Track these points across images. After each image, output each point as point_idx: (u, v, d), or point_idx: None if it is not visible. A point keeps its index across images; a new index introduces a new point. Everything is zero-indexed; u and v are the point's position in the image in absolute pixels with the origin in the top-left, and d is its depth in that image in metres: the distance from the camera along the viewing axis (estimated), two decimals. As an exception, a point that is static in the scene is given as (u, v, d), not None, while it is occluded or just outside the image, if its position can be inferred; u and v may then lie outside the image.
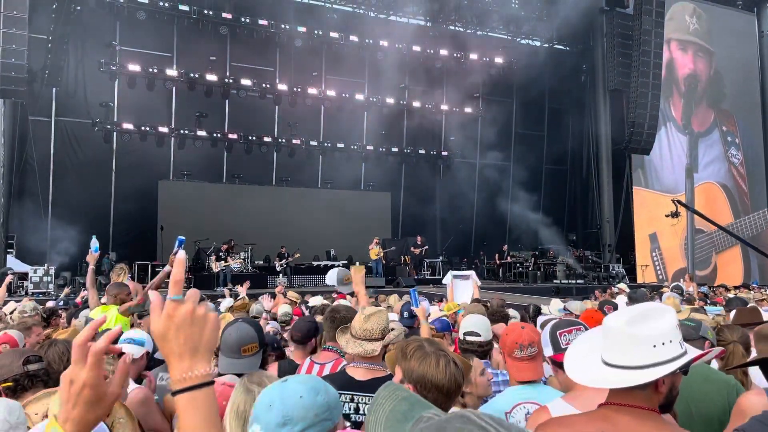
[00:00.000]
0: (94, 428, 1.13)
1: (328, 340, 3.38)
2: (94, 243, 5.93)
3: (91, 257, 5.85)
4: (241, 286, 8.85)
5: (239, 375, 2.55)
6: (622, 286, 14.59)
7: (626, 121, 21.52)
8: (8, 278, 8.47)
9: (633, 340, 1.55)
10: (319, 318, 4.66)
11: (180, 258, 1.14)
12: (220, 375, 2.60)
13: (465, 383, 3.06)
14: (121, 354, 1.21)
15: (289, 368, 3.48)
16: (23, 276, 14.64)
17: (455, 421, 0.91)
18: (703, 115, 24.99)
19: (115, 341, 1.16)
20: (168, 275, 5.33)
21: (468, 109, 23.35)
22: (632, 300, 6.37)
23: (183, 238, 5.62)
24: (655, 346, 1.53)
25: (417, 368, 2.04)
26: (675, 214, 17.30)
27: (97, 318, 1.18)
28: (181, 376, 1.08)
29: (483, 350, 3.41)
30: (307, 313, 6.19)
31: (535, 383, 2.56)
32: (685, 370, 1.58)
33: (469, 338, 3.41)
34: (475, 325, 3.49)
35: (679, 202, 11.96)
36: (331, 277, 4.86)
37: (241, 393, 1.91)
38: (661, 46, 21.08)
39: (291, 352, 4.00)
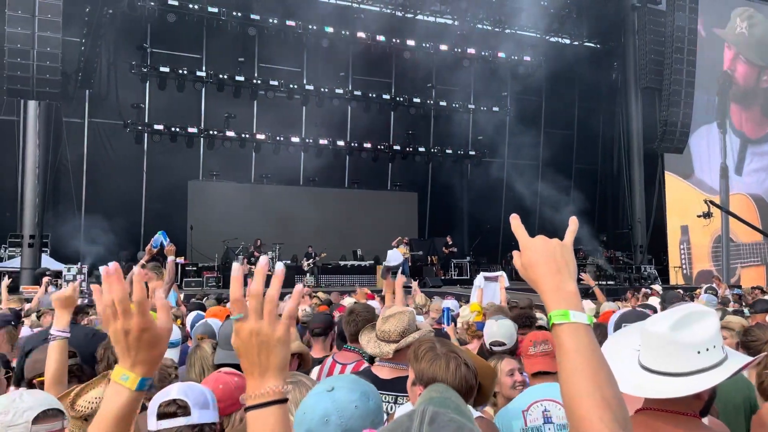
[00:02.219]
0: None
1: (349, 341, 3.39)
2: (158, 238, 5.41)
3: (149, 252, 5.36)
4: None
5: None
6: (657, 287, 14.29)
7: (659, 120, 21.10)
8: (45, 279, 8.55)
9: (677, 346, 1.50)
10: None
11: (261, 266, 1.14)
12: (216, 366, 2.67)
13: (494, 384, 3.05)
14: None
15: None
16: (57, 274, 14.95)
17: (455, 423, 0.94)
18: (758, 123, 23.92)
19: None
20: (173, 265, 5.32)
21: (496, 108, 23.17)
22: (663, 302, 6.21)
23: (164, 231, 5.59)
24: (699, 353, 1.48)
25: (427, 370, 2.05)
26: (707, 215, 16.93)
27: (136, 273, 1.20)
28: (251, 393, 1.11)
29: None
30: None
31: (552, 378, 2.56)
32: None
33: (495, 348, 3.44)
34: (498, 333, 3.50)
35: (712, 202, 11.68)
36: (395, 257, 4.87)
37: None
38: (695, 43, 20.60)
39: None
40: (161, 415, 1.81)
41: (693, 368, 1.48)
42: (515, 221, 1.34)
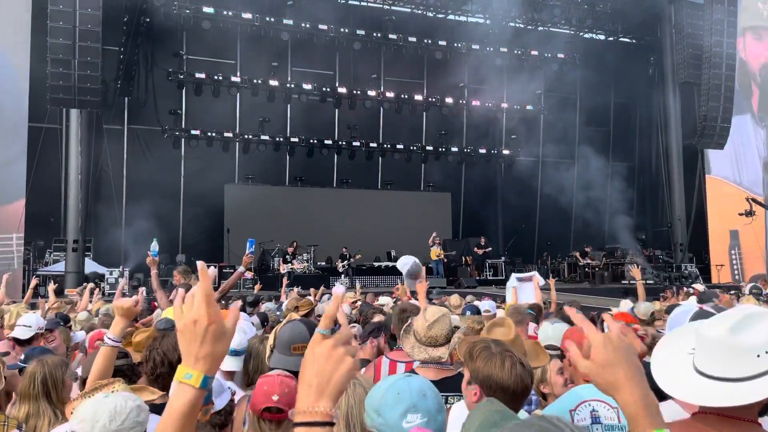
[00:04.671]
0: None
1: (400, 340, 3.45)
2: (155, 246, 5.70)
3: (152, 262, 5.66)
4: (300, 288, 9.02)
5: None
6: (698, 286, 13.95)
7: (698, 115, 20.59)
8: (89, 286, 8.74)
9: (735, 350, 1.43)
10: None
11: (336, 293, 1.20)
12: (271, 369, 2.71)
13: (543, 384, 3.03)
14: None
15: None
16: (100, 278, 15.40)
17: (542, 421, 0.93)
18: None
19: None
20: (240, 276, 5.51)
21: (529, 107, 22.92)
22: (701, 301, 6.07)
23: (253, 239, 5.75)
24: (758, 356, 1.42)
25: (482, 369, 2.06)
26: (749, 213, 16.44)
27: (207, 271, 1.24)
28: (305, 408, 1.10)
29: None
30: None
31: None
32: None
33: (549, 352, 3.35)
34: (553, 337, 3.41)
35: (754, 200, 11.32)
36: (403, 263, 4.56)
37: None
38: (734, 36, 20.05)
39: None
40: None
41: (753, 373, 1.41)
42: (579, 317, 1.26)
